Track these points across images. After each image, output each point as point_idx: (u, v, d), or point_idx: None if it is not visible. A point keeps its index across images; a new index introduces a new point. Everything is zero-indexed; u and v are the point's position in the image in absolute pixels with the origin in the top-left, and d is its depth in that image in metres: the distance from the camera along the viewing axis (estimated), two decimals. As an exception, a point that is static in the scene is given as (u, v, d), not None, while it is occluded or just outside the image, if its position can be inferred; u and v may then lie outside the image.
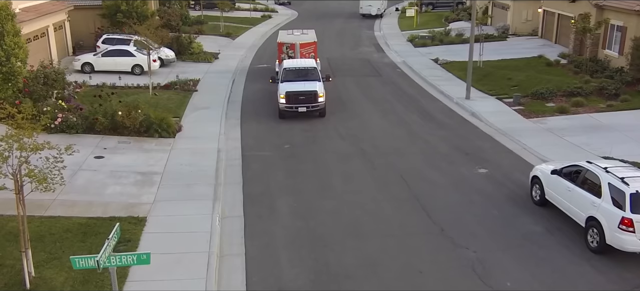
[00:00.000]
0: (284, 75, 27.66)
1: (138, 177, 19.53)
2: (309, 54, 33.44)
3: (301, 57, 32.92)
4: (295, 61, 29.79)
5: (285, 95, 26.29)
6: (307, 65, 28.82)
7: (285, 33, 36.14)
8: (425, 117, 27.39)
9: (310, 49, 33.88)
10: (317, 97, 26.30)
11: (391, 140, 23.87)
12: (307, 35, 35.40)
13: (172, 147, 22.72)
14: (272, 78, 28.58)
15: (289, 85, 26.66)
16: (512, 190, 18.74)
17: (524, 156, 22.00)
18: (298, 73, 27.79)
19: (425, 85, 34.12)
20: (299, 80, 27.11)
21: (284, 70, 28.00)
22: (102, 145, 22.34)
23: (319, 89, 26.64)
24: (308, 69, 28.29)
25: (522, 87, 31.74)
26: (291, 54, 33.05)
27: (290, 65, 28.52)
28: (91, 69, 34.85)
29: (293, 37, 34.77)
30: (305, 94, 26.25)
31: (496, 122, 26.16)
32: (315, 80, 27.47)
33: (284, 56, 33.09)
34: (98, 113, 23.52)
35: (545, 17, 46.67)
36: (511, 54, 40.89)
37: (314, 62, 29.68)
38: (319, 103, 26.50)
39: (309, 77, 27.64)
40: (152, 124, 23.71)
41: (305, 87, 26.51)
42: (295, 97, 26.18)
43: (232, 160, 21.83)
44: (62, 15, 38.58)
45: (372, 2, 68.62)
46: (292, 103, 26.19)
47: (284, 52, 33.40)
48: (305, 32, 36.41)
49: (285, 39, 34.34)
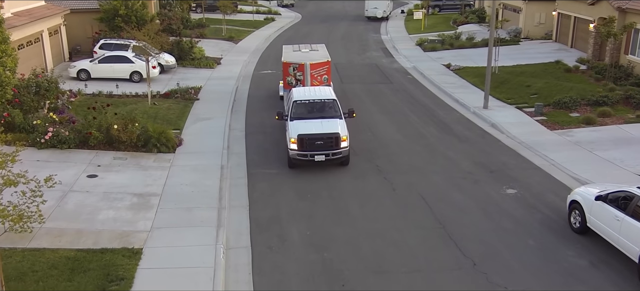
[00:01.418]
0: (294, 111, 21.58)
1: (134, 199, 17.79)
2: (321, 76, 27.47)
3: (312, 80, 26.90)
4: (308, 91, 23.28)
5: (297, 139, 20.13)
6: (323, 96, 22.47)
7: (290, 49, 30.76)
8: (443, 128, 25.63)
9: (323, 70, 27.66)
10: (340, 141, 20.15)
11: (409, 155, 22.12)
12: (318, 53, 29.50)
13: (171, 164, 20.99)
14: (279, 115, 21.90)
15: (302, 126, 20.56)
16: (547, 215, 16.98)
17: (554, 173, 20.24)
18: (312, 108, 21.87)
19: (439, 93, 32.37)
20: (313, 117, 21.31)
21: (294, 105, 21.82)
22: (95, 162, 20.61)
23: (342, 130, 20.44)
24: (325, 102, 22.06)
25: (542, 95, 29.99)
26: (299, 76, 27.00)
27: (301, 97, 22.26)
28: (87, 76, 33.17)
29: (301, 55, 28.87)
30: (323, 138, 20.12)
31: (519, 134, 24.41)
32: (335, 116, 21.39)
33: (290, 79, 27.49)
34: (92, 127, 21.80)
35: (560, 20, 44.92)
36: (526, 59, 39.16)
37: (331, 91, 23.33)
38: (342, 150, 20.25)
39: (327, 113, 21.59)
40: (150, 138, 22.00)
41: (324, 127, 20.49)
42: (310, 142, 20.07)
43: (236, 178, 20.09)
44: (57, 19, 36.93)
45: (378, 5, 66.97)
46: (306, 150, 20.11)
47: (290, 74, 27.39)
48: (315, 47, 30.99)
49: (291, 58, 28.23)
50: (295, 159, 20.36)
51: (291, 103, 22.09)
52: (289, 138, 20.49)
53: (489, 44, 28.56)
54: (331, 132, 20.33)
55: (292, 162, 20.60)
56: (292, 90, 23.84)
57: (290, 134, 20.51)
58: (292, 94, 23.04)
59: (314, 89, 23.72)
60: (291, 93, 23.31)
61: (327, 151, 20.09)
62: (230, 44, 49.09)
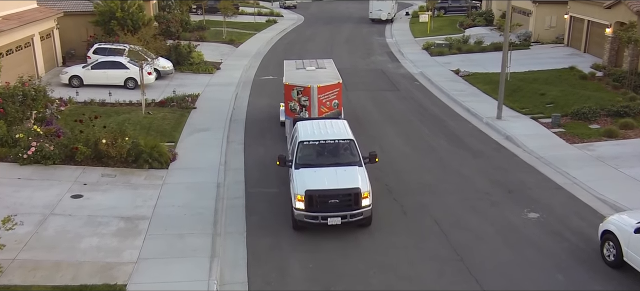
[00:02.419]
0: (299, 155, 17.09)
1: (121, 224, 16.26)
2: (331, 101, 22.81)
3: (319, 106, 22.40)
4: (317, 127, 18.51)
5: (305, 197, 15.51)
6: (337, 135, 17.81)
7: (293, 66, 25.93)
8: (455, 141, 24.06)
9: (333, 94, 22.89)
10: (360, 198, 15.52)
11: (419, 173, 20.55)
12: (326, 71, 24.73)
13: (164, 181, 19.46)
14: (280, 159, 17.07)
15: (310, 177, 15.96)
16: (574, 244, 15.40)
17: (578, 194, 18.66)
18: (323, 151, 17.42)
19: (448, 101, 30.78)
20: (325, 163, 16.79)
21: (300, 147, 17.28)
22: (82, 180, 19.09)
23: (363, 183, 15.82)
24: (340, 144, 17.54)
25: (558, 104, 28.39)
26: (304, 102, 22.38)
27: (309, 136, 17.70)
28: (80, 83, 31.65)
29: (306, 75, 24.03)
30: (339, 195, 15.48)
31: (536, 148, 22.83)
32: (353, 163, 16.79)
33: (293, 105, 22.82)
34: (79, 141, 20.27)
35: (572, 23, 43.29)
36: (538, 65, 37.54)
37: (346, 127, 18.73)
38: (363, 210, 15.62)
39: (342, 158, 17.09)
40: (141, 153, 20.46)
41: (339, 180, 15.86)
42: (322, 201, 15.50)
43: (233, 198, 18.55)
44: (50, 23, 35.48)
45: (383, 7, 65.39)
46: (316, 211, 15.47)
47: (293, 98, 22.77)
48: (322, 64, 26.30)
49: (294, 79, 23.15)
50: (302, 222, 15.75)
51: (296, 145, 17.42)
52: (294, 194, 15.77)
53: (503, 51, 26.95)
54: (349, 187, 15.64)
55: (297, 224, 15.94)
56: (297, 125, 19.10)
57: (295, 189, 15.83)
58: (297, 131, 18.50)
59: (325, 125, 18.74)
60: (296, 130, 18.75)
61: (343, 212, 15.48)
62: (230, 48, 47.56)
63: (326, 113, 22.30)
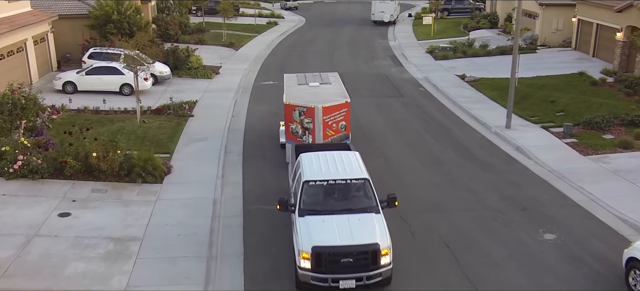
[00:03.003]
0: (305, 198, 14.36)
1: (110, 246, 15.23)
2: (338, 123, 20.23)
3: (324, 129, 19.86)
4: (324, 162, 15.54)
5: (311, 255, 12.94)
6: (349, 173, 14.92)
7: (294, 81, 23.39)
8: (463, 153, 23.01)
9: (340, 115, 20.33)
10: (379, 256, 13.01)
11: (427, 188, 19.50)
12: (332, 88, 22.15)
13: (157, 197, 18.44)
14: (280, 204, 14.36)
15: (318, 229, 13.34)
16: (596, 270, 14.36)
17: (596, 212, 17.60)
18: (332, 193, 14.62)
19: (454, 109, 29.73)
20: (335, 209, 14.02)
21: (305, 188, 14.51)
22: (71, 196, 18.06)
23: (381, 237, 13.21)
24: (352, 184, 14.73)
25: (569, 112, 27.35)
26: (308, 124, 19.99)
27: (315, 175, 14.82)
28: (74, 89, 30.64)
29: (309, 92, 21.51)
30: (353, 253, 12.97)
31: (548, 161, 21.78)
32: (369, 209, 14.12)
33: (295, 127, 20.31)
34: (68, 154, 19.23)
35: (580, 27, 42.22)
36: (546, 70, 36.46)
37: (358, 161, 15.81)
38: (382, 270, 13.12)
39: (356, 203, 14.38)
40: (134, 166, 19.43)
41: (354, 234, 13.18)
42: (333, 261, 12.95)
43: (231, 216, 17.51)
44: (44, 27, 34.48)
45: (385, 8, 64.32)
46: (326, 272, 12.94)
47: (295, 120, 20.34)
48: (327, 78, 23.62)
49: (296, 98, 20.60)
50: (308, 284, 13.03)
51: (300, 186, 14.61)
52: (299, 251, 13.11)
53: (512, 57, 25.87)
54: (366, 242, 12.96)
55: (302, 286, 13.22)
56: (300, 159, 16.00)
57: (300, 243, 13.12)
58: (300, 167, 15.54)
59: (334, 159, 15.72)
60: (299, 166, 15.76)
61: (358, 273, 12.87)
62: (230, 51, 46.54)
63: (333, 137, 20.06)
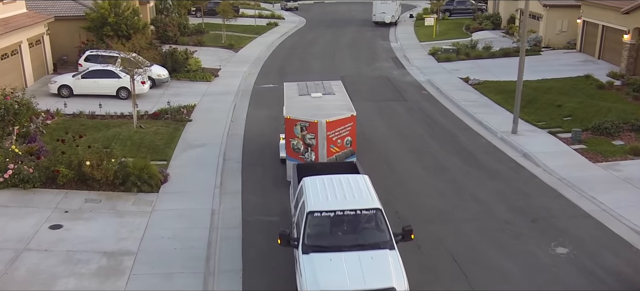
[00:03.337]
0: (309, 232, 12.78)
1: (103, 260, 14.57)
2: (343, 139, 18.73)
3: (328, 145, 18.35)
4: (331, 189, 13.74)
5: None
6: (359, 203, 13.18)
7: (294, 91, 21.74)
8: (468, 159, 22.34)
9: (345, 130, 18.77)
10: None
11: (432, 197, 18.83)
12: (336, 99, 20.60)
13: (153, 207, 17.77)
14: (281, 238, 12.80)
15: (325, 270, 11.92)
16: (611, 287, 13.69)
17: (608, 223, 16.93)
18: (340, 226, 13.02)
19: (459, 113, 29.05)
20: (344, 245, 12.55)
21: (310, 220, 12.88)
22: (63, 206, 17.41)
23: (397, 279, 11.80)
24: (362, 215, 13.08)
25: (576, 117, 26.68)
26: (310, 140, 18.41)
27: (321, 205, 13.09)
28: (69, 93, 30.00)
29: (311, 103, 19.91)
30: None
31: (557, 168, 21.12)
32: (382, 244, 12.64)
33: (296, 143, 18.76)
34: (60, 163, 18.57)
35: (585, 28, 41.56)
36: (551, 72, 35.82)
37: (368, 188, 13.95)
38: None
39: (367, 237, 12.92)
40: (129, 175, 18.77)
41: (366, 276, 11.73)
42: None
43: (229, 228, 16.85)
44: (39, 28, 33.79)
45: (386, 9, 63.69)
46: None
47: (296, 135, 18.72)
48: (330, 87, 22.05)
49: (297, 112, 19.04)
50: None
51: (304, 217, 12.95)
52: None
53: (519, 61, 25.19)
54: (381, 287, 11.49)
55: None
56: (303, 184, 14.24)
57: (305, 285, 11.67)
58: (304, 194, 13.76)
59: (341, 184, 13.94)
60: (302, 192, 13.98)
61: None
62: (229, 53, 45.90)
63: (337, 154, 18.67)
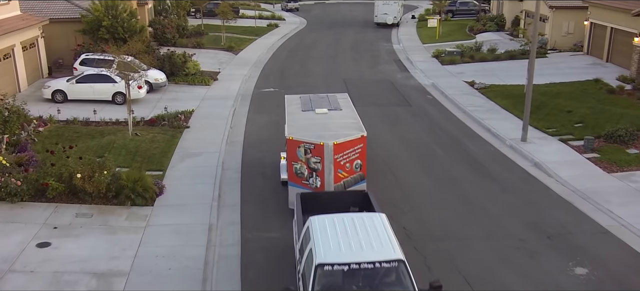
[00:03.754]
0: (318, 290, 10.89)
1: (92, 283, 13.67)
2: (352, 163, 16.82)
3: (336, 170, 16.35)
4: (341, 231, 11.93)
5: None
6: (377, 251, 11.34)
7: (296, 105, 19.88)
8: (477, 169, 21.43)
9: (355, 153, 16.83)
10: None
11: (441, 211, 17.91)
12: (343, 115, 18.68)
13: (147, 222, 16.87)
14: None
15: None
16: (637, 312, 12.81)
17: (629, 240, 16.01)
18: (354, 282, 11.13)
19: (465, 119, 28.14)
20: None
21: (319, 274, 10.98)
22: (52, 222, 16.51)
23: None
24: (382, 269, 11.12)
25: (588, 123, 25.75)
26: (315, 164, 16.44)
27: (331, 254, 11.23)
28: (64, 98, 29.10)
29: (315, 122, 17.93)
30: None
31: (570, 179, 20.20)
32: None
33: (299, 167, 16.79)
34: (49, 176, 17.66)
35: (593, 30, 40.64)
36: (559, 76, 34.91)
37: (388, 232, 12.08)
38: None
39: None
40: (123, 188, 17.87)
41: None
42: None
43: (227, 245, 15.94)
44: (33, 31, 32.92)
45: (389, 10, 62.77)
46: None
47: (299, 158, 16.73)
48: (336, 101, 20.15)
49: (301, 132, 17.03)
50: None
51: (312, 270, 11.02)
52: None
53: (529, 65, 24.28)
54: None
55: None
56: (310, 225, 12.43)
57: None
58: (311, 241, 11.84)
59: (355, 228, 11.99)
60: (309, 238, 12.09)
61: None
62: (229, 55, 44.97)
63: (346, 179, 16.76)
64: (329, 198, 14.93)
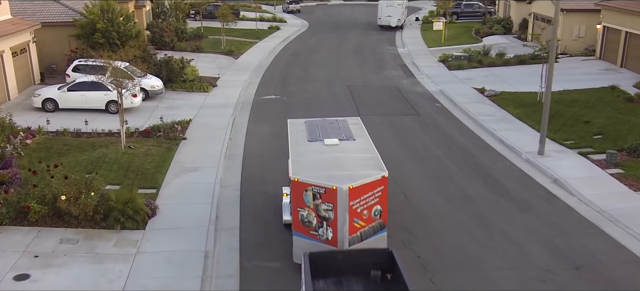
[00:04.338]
0: None
1: (73, 323, 12.29)
2: (370, 209, 14.05)
3: (351, 219, 13.70)
4: None
5: None
6: None
7: (302, 133, 17.03)
8: (493, 187, 20.00)
9: (374, 197, 14.12)
10: None
11: (457, 235, 16.48)
12: (357, 147, 15.91)
13: (138, 249, 15.47)
14: None
15: None
16: None
17: (665, 271, 14.61)
18: None
19: (477, 129, 26.71)
20: None
21: None
22: (33, 249, 15.11)
23: None
24: None
25: (608, 135, 24.33)
26: (326, 212, 13.74)
27: None
28: (55, 107, 27.70)
29: (325, 155, 15.31)
30: None
31: (594, 198, 18.77)
32: None
33: (306, 214, 14.07)
34: (31, 198, 16.26)
35: (605, 34, 39.22)
36: (573, 82, 33.43)
37: None
38: None
39: None
40: (112, 210, 16.47)
41: None
42: None
43: (225, 276, 14.53)
44: (24, 36, 31.54)
45: (392, 13, 61.38)
46: None
47: (307, 204, 14.00)
48: (347, 128, 17.30)
49: (309, 172, 14.30)
50: None
51: None
52: None
53: (548, 76, 22.89)
54: None
55: None
56: None
57: None
58: None
59: None
60: None
61: None
62: (229, 60, 43.57)
63: (363, 229, 14.01)
64: (344, 258, 12.08)
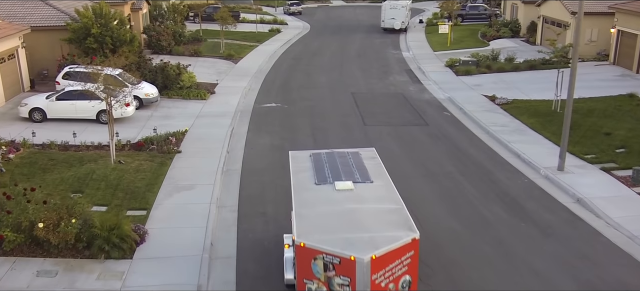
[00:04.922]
0: None
1: None
2: (397, 281, 11.16)
3: None
4: None
5: None
6: None
7: (307, 171, 14.34)
8: (513, 208, 18.44)
9: (402, 267, 11.16)
10: None
11: (476, 267, 14.91)
12: (376, 194, 13.10)
13: (123, 283, 13.95)
14: None
15: None
16: None
17: None
18: None
19: (490, 141, 25.17)
20: None
21: None
22: (6, 284, 13.62)
23: None
24: None
25: (632, 148, 22.80)
26: (341, 287, 10.87)
27: None
28: (43, 117, 26.18)
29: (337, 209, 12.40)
30: None
31: (623, 221, 17.23)
32: None
33: (314, 289, 11.17)
34: (5, 226, 14.72)
35: (620, 38, 37.68)
36: (588, 89, 31.82)
37: None
38: None
39: None
40: (96, 237, 14.94)
41: None
42: None
43: (219, 316, 13.02)
44: (13, 41, 30.04)
45: (396, 15, 59.88)
46: None
47: (317, 276, 11.08)
48: (360, 163, 14.67)
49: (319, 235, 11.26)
50: None
51: None
52: None
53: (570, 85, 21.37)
54: None
55: None
56: None
57: None
58: None
59: None
60: None
61: None
62: (228, 64, 42.05)
63: None
64: None
